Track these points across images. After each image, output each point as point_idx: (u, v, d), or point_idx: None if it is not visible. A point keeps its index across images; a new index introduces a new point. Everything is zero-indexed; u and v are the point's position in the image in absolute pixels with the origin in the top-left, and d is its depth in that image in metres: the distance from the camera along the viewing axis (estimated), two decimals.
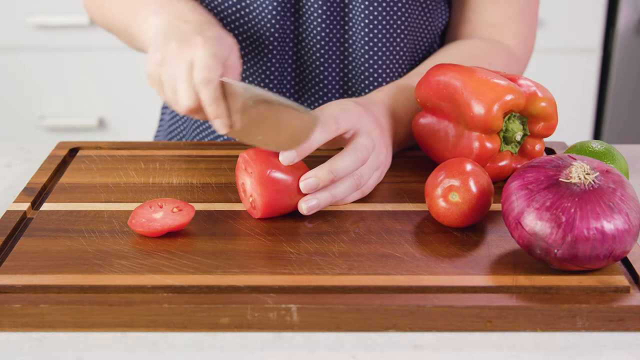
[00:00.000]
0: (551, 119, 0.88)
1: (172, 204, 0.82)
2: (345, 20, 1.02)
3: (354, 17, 1.01)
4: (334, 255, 0.76)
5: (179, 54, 0.83)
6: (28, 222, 0.83)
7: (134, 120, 2.20)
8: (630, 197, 0.71)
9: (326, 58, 1.04)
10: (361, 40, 1.02)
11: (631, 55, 2.10)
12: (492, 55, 1.02)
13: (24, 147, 1.06)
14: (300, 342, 0.68)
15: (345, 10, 1.02)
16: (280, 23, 1.01)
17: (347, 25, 1.02)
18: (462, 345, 0.68)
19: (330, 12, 1.01)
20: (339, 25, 1.02)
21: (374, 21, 1.01)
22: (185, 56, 0.83)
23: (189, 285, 0.71)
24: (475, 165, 0.81)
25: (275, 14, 1.00)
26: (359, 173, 0.84)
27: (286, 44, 1.03)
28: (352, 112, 0.84)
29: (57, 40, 2.11)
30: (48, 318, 0.69)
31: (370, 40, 1.02)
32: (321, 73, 1.04)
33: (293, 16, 1.02)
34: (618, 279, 0.72)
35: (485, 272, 0.73)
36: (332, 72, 1.05)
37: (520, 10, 1.05)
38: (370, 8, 1.00)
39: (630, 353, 0.67)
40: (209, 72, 0.81)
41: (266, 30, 1.01)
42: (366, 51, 1.03)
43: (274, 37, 1.01)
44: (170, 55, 0.84)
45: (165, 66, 0.85)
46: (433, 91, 0.90)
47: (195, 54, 0.82)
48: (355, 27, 1.02)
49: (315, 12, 1.01)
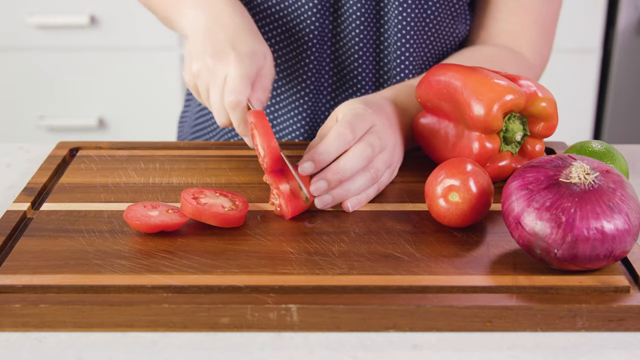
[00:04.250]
0: (551, 119, 0.88)
1: (225, 196, 0.84)
2: (380, 23, 1.04)
3: (389, 20, 1.04)
4: (334, 255, 0.76)
5: (213, 70, 0.90)
6: (28, 222, 0.83)
7: (134, 120, 2.20)
8: (630, 197, 0.71)
9: (361, 55, 1.06)
10: (395, 40, 1.04)
11: (631, 55, 2.10)
12: (506, 62, 1.04)
13: (24, 147, 1.06)
14: (300, 342, 0.68)
15: (380, 13, 1.04)
16: (320, 21, 1.03)
17: (383, 27, 1.04)
18: (462, 345, 0.68)
19: (368, 13, 1.03)
20: (375, 27, 1.05)
21: (407, 26, 1.03)
22: (219, 72, 0.89)
23: (189, 285, 0.71)
24: (475, 165, 0.81)
25: (316, 11, 1.02)
26: (374, 167, 0.85)
27: (324, 42, 1.05)
28: (365, 117, 0.85)
29: (57, 40, 2.11)
30: (48, 318, 0.69)
31: (403, 42, 1.04)
32: (356, 69, 1.06)
33: (332, 15, 1.04)
34: (618, 279, 0.72)
35: (485, 272, 0.73)
36: (367, 69, 1.07)
37: (538, 21, 1.07)
38: (404, 14, 1.02)
39: (630, 353, 0.67)
40: (238, 95, 0.87)
41: (306, 26, 1.03)
42: (399, 51, 1.05)
43: (314, 34, 1.03)
44: (205, 69, 0.90)
45: (200, 78, 0.91)
46: (433, 91, 0.90)
47: (227, 72, 0.88)
48: (389, 28, 1.04)
49: (354, 13, 1.03)
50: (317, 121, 1.09)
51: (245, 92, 0.87)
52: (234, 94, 0.87)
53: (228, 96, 0.87)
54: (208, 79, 0.90)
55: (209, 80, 0.90)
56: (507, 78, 0.88)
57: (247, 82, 0.88)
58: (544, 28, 1.08)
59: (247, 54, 0.90)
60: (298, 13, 1.03)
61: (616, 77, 2.13)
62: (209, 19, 0.94)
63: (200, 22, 0.94)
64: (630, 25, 2.08)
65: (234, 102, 0.87)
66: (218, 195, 0.84)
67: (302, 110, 1.08)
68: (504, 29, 1.07)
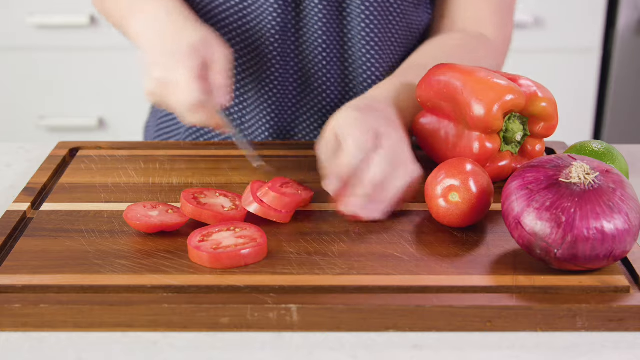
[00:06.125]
0: (551, 119, 0.88)
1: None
2: (343, 16, 1.04)
3: (352, 12, 1.03)
4: (334, 255, 0.76)
5: (163, 82, 0.91)
6: (28, 222, 0.83)
7: (134, 120, 2.19)
8: (630, 197, 0.71)
9: (325, 48, 1.05)
10: (359, 31, 1.04)
11: (631, 55, 2.10)
12: (476, 46, 1.05)
13: (24, 147, 1.06)
14: (300, 342, 0.68)
15: (343, 6, 1.04)
16: (282, 17, 1.03)
17: (346, 20, 1.04)
18: (462, 345, 0.68)
19: (330, 6, 1.03)
20: (338, 19, 1.04)
21: (370, 16, 1.03)
22: (168, 82, 0.91)
23: (189, 285, 0.71)
24: (475, 165, 0.81)
25: (277, 7, 1.02)
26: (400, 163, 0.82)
27: (288, 38, 1.05)
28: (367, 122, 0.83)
29: (57, 40, 2.10)
30: (48, 318, 0.69)
31: (367, 34, 1.04)
32: (320, 62, 1.06)
33: (294, 11, 1.04)
34: (618, 279, 0.72)
35: (485, 272, 0.73)
36: (332, 62, 1.06)
37: (499, 5, 1.09)
38: (366, 4, 1.02)
39: (630, 353, 0.67)
40: (191, 97, 0.89)
41: (267, 23, 1.03)
42: (364, 41, 1.04)
43: (275, 30, 1.03)
44: (157, 84, 0.92)
45: (157, 94, 0.93)
46: (434, 91, 0.90)
47: (175, 79, 0.90)
48: (352, 20, 1.04)
49: (315, 7, 1.03)
50: (284, 118, 1.08)
51: (197, 91, 0.89)
52: (188, 97, 0.89)
53: (181, 101, 0.90)
54: (162, 92, 0.92)
55: (164, 93, 0.92)
56: (507, 78, 0.88)
57: (195, 81, 0.89)
58: (505, 10, 1.10)
59: (187, 52, 0.91)
60: (259, 12, 1.02)
61: (616, 77, 2.13)
62: (147, 28, 0.97)
63: (141, 32, 0.97)
64: (630, 25, 2.08)
65: (191, 106, 0.90)
66: (218, 195, 0.84)
67: (267, 106, 1.07)
68: (467, 16, 1.08)
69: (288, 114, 1.08)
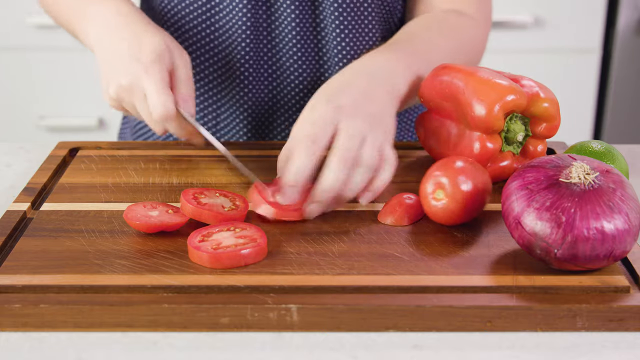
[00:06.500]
0: (553, 119, 0.88)
1: (226, 196, 0.84)
2: (316, 14, 1.04)
3: (325, 9, 1.03)
4: (334, 255, 0.76)
5: (130, 89, 0.91)
6: (28, 222, 0.83)
7: None
8: (630, 197, 0.71)
9: (299, 40, 1.04)
10: (333, 31, 1.04)
11: (631, 55, 2.10)
12: (458, 17, 1.04)
13: (24, 147, 1.06)
14: (300, 342, 0.68)
15: (315, 4, 1.03)
16: (254, 17, 1.02)
17: (319, 17, 1.04)
18: (462, 345, 0.68)
19: (302, 6, 1.03)
20: (311, 19, 1.04)
21: (344, 13, 1.03)
22: (135, 90, 0.91)
23: (189, 285, 0.71)
24: (470, 162, 0.81)
25: (250, 7, 1.02)
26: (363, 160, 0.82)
27: (260, 32, 1.04)
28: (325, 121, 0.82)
29: (57, 40, 2.10)
30: (48, 318, 0.69)
31: (342, 30, 1.03)
32: (295, 54, 1.05)
33: (266, 13, 1.03)
34: (618, 279, 0.72)
35: (485, 272, 0.73)
36: (309, 65, 1.06)
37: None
38: (339, 0, 1.02)
39: (630, 353, 0.67)
40: (162, 108, 0.89)
41: (239, 19, 1.02)
42: (339, 42, 1.04)
43: (247, 26, 1.03)
44: (122, 90, 0.92)
45: (123, 100, 0.94)
46: (436, 91, 0.90)
47: (143, 87, 0.90)
48: (326, 19, 1.03)
49: (287, 7, 1.02)
50: (260, 118, 1.08)
51: (167, 101, 0.89)
52: (158, 108, 0.89)
53: (154, 112, 0.90)
54: (130, 98, 0.92)
55: (131, 99, 0.92)
56: (509, 78, 0.88)
57: (164, 91, 0.90)
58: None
59: (152, 59, 0.91)
60: (228, 11, 1.02)
61: (616, 77, 2.13)
62: (101, 29, 0.96)
63: (95, 34, 0.97)
64: (630, 25, 2.08)
65: (162, 116, 0.90)
66: (218, 195, 0.84)
67: (241, 106, 1.07)
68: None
69: (263, 114, 1.08)
